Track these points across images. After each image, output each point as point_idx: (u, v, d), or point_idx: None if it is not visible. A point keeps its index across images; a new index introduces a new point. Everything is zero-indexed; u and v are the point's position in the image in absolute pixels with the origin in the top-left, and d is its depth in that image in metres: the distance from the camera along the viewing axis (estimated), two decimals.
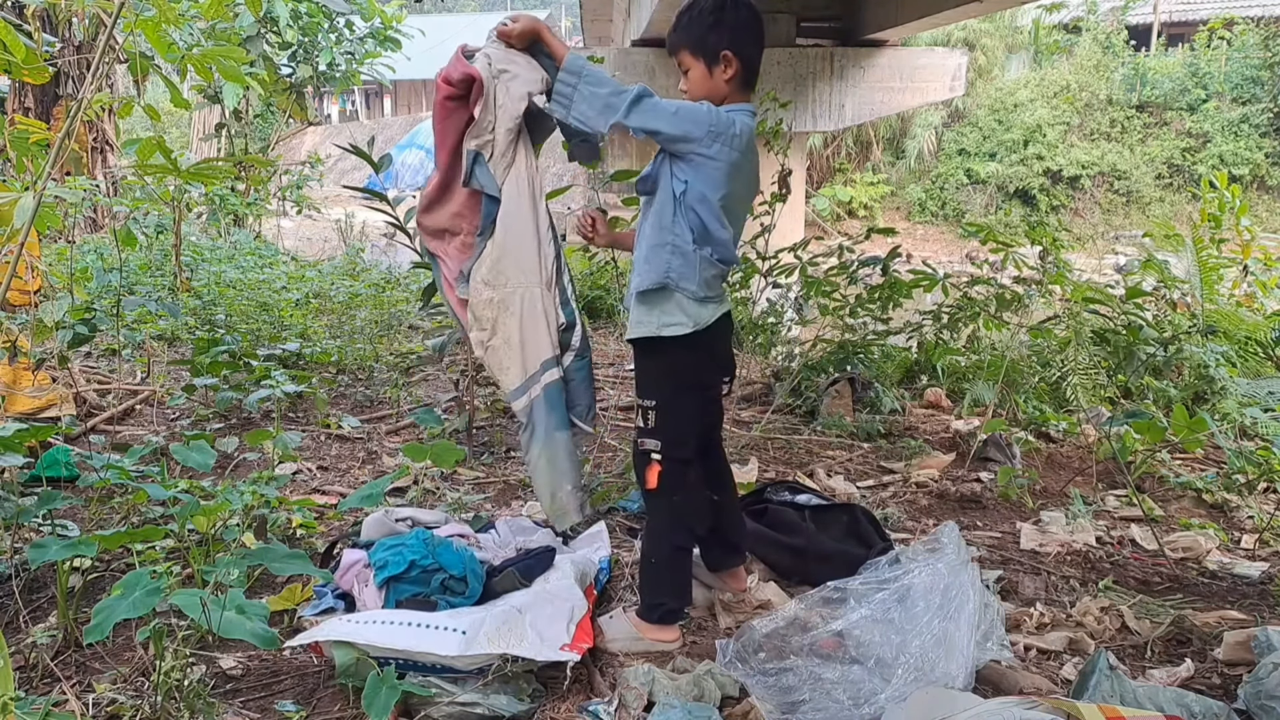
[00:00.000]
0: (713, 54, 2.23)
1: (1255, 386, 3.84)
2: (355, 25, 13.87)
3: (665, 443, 2.32)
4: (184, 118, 23.47)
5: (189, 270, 6.89)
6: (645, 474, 2.35)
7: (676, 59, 2.30)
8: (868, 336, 5.01)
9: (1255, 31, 20.04)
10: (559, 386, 2.49)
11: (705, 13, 2.24)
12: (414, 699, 2.04)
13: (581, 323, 2.57)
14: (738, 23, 2.25)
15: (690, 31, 2.24)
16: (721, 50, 2.22)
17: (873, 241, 5.24)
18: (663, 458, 2.31)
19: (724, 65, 2.24)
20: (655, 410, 2.32)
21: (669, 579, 2.42)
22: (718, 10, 2.23)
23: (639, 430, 2.36)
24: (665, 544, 2.42)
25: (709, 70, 2.24)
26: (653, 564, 2.44)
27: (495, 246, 2.41)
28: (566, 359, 2.52)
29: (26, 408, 3.70)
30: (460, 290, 2.51)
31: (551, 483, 2.51)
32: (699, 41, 2.23)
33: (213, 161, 4.43)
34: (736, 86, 2.28)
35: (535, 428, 2.47)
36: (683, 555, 2.45)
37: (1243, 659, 2.26)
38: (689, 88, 2.29)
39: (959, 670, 2.04)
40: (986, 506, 3.48)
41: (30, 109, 9.25)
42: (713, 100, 2.26)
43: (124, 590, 2.00)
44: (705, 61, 2.24)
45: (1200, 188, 6.26)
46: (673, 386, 2.34)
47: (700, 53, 2.24)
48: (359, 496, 2.67)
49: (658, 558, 2.43)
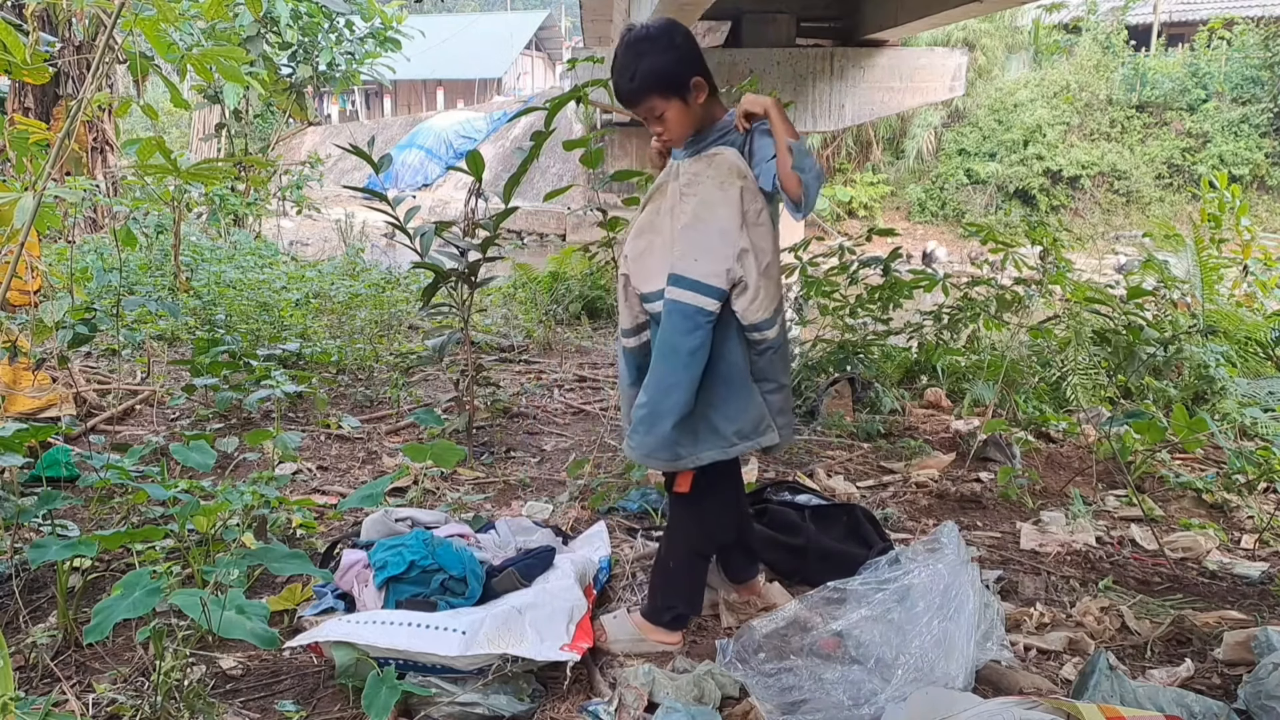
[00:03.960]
0: (684, 87, 2.14)
1: (1255, 386, 3.84)
2: (355, 25, 13.88)
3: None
4: (184, 118, 23.48)
5: (189, 270, 6.89)
6: (678, 477, 2.29)
7: (642, 108, 2.16)
8: (868, 336, 5.01)
9: (1255, 31, 20.04)
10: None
11: (659, 50, 2.12)
12: (414, 699, 2.04)
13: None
14: (689, 47, 2.17)
15: (652, 74, 2.12)
16: (690, 78, 2.14)
17: (873, 242, 5.25)
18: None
19: (696, 91, 2.15)
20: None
21: (684, 584, 2.41)
22: (669, 42, 2.14)
23: None
24: (687, 549, 2.39)
25: (685, 104, 2.15)
26: (671, 568, 2.40)
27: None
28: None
29: (26, 408, 3.70)
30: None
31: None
32: (665, 80, 2.13)
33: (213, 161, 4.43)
34: (709, 105, 2.20)
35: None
36: (702, 563, 2.44)
37: (1243, 659, 2.26)
38: (671, 129, 2.18)
39: (959, 670, 2.04)
40: (986, 506, 3.48)
41: (30, 109, 9.24)
42: (701, 124, 2.20)
43: (124, 590, 2.00)
44: (680, 97, 2.14)
45: (1200, 188, 6.26)
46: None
47: (672, 91, 2.13)
48: (359, 496, 2.67)
49: (676, 562, 2.40)
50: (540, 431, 4.39)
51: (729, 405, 2.19)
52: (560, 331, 6.74)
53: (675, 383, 2.14)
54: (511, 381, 5.29)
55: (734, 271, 2.12)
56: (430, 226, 3.98)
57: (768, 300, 2.17)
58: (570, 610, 2.31)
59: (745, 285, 2.14)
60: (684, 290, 2.13)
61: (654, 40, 2.13)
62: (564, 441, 4.24)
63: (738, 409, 2.20)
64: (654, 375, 2.18)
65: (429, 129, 29.16)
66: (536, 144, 3.73)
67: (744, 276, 2.13)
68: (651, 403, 2.16)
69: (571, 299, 7.42)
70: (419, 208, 4.41)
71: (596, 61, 5.09)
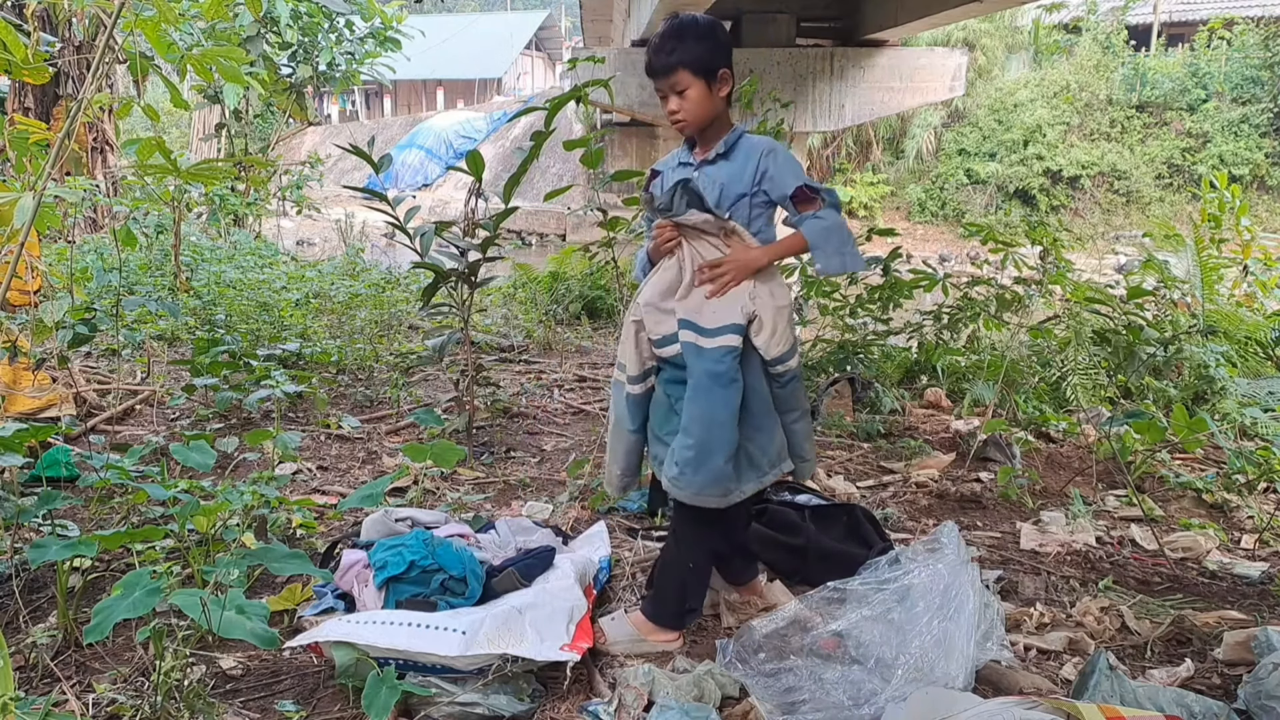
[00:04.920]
0: (713, 73, 2.25)
1: (1255, 386, 3.84)
2: (355, 25, 13.88)
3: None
4: (184, 118, 23.49)
5: (189, 270, 6.89)
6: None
7: (669, 80, 2.27)
8: (868, 336, 5.01)
9: (1255, 31, 20.05)
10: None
11: (702, 33, 2.26)
12: (414, 699, 2.04)
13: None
14: (728, 42, 2.32)
15: (690, 51, 2.24)
16: (720, 69, 2.26)
17: (873, 242, 5.25)
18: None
19: (721, 83, 2.28)
20: None
21: (697, 584, 2.42)
22: (711, 31, 2.28)
23: None
24: (703, 550, 2.40)
25: (709, 89, 2.26)
26: (689, 569, 2.40)
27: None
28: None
29: (26, 408, 3.70)
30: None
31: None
32: (700, 61, 2.24)
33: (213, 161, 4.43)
34: (725, 106, 2.32)
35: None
36: (711, 562, 2.47)
37: (1243, 659, 2.26)
38: (688, 108, 2.28)
39: (959, 670, 2.04)
40: (986, 506, 3.48)
41: (30, 109, 9.24)
42: (715, 118, 2.30)
43: (124, 590, 2.00)
44: (706, 80, 2.25)
45: (1200, 188, 6.26)
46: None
47: (701, 72, 2.24)
48: (359, 496, 2.67)
49: (695, 561, 2.40)
50: (540, 431, 4.39)
51: (761, 436, 2.28)
52: (560, 331, 6.74)
53: (718, 419, 2.19)
54: (511, 381, 5.29)
55: (747, 307, 2.22)
56: (430, 226, 3.98)
57: (786, 332, 2.26)
58: (570, 610, 2.31)
59: (761, 322, 2.23)
60: (702, 335, 2.22)
61: (700, 27, 2.27)
62: (564, 441, 4.24)
63: (767, 439, 2.29)
64: (694, 415, 2.21)
65: (429, 129, 29.18)
66: (536, 144, 3.73)
67: (758, 312, 2.22)
68: (699, 443, 2.20)
69: (571, 299, 7.43)
70: (419, 208, 4.41)
71: (597, 61, 5.09)
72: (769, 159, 2.26)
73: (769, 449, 2.29)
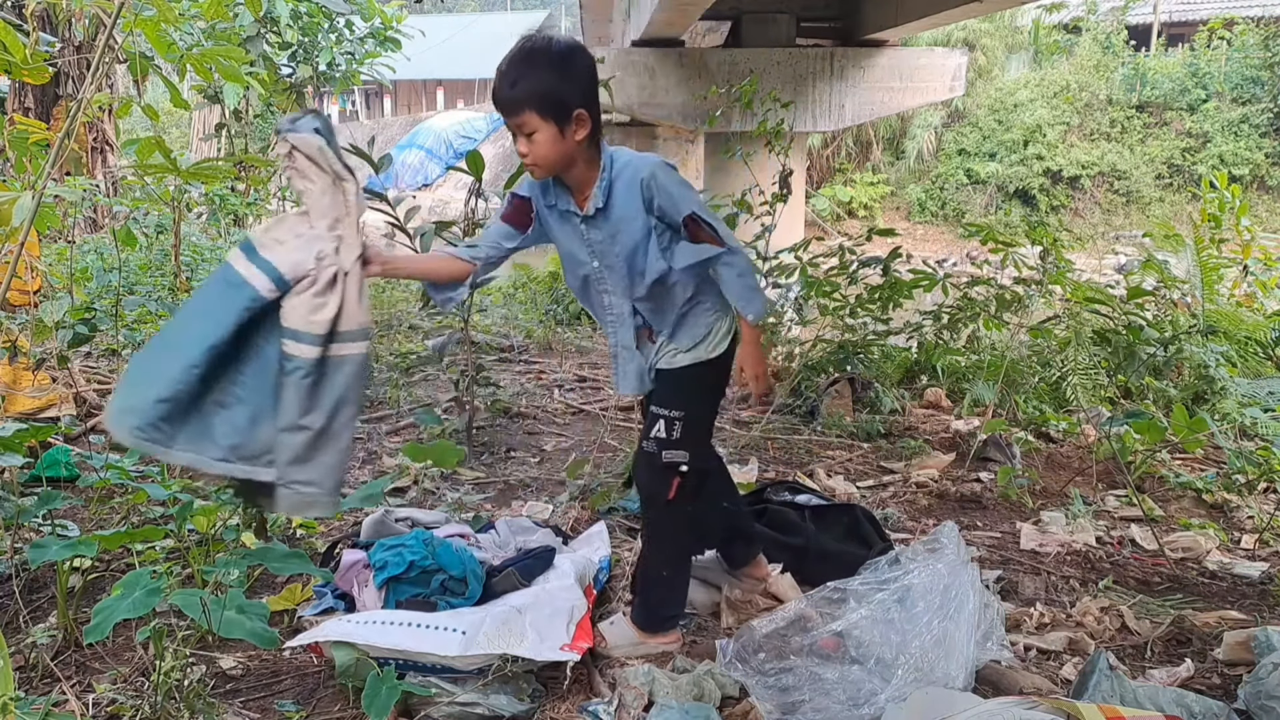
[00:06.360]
0: (565, 113, 1.94)
1: (1255, 386, 3.83)
2: (355, 25, 13.86)
3: (693, 454, 2.23)
4: (184, 118, 23.45)
5: (189, 270, 6.88)
6: (668, 485, 2.24)
7: (514, 119, 1.96)
8: (868, 336, 5.01)
9: (1255, 31, 20.03)
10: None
11: (551, 63, 1.93)
12: (414, 699, 2.04)
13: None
14: (587, 76, 1.99)
15: (539, 84, 1.92)
16: (575, 109, 1.95)
17: (873, 242, 5.25)
18: (688, 469, 2.23)
19: (576, 125, 1.96)
20: (683, 421, 2.22)
21: (679, 588, 2.41)
22: (566, 60, 1.95)
23: (661, 442, 2.21)
24: (680, 554, 2.40)
25: (560, 132, 1.95)
26: (665, 576, 2.38)
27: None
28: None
29: (26, 408, 3.70)
30: None
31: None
32: (547, 99, 1.92)
33: (213, 161, 4.43)
34: (587, 146, 2.01)
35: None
36: (689, 563, 2.46)
37: (1243, 659, 2.26)
38: (536, 152, 1.97)
39: (959, 670, 2.04)
40: (986, 506, 3.48)
41: (30, 109, 9.23)
42: (565, 165, 2.02)
43: (124, 590, 2.00)
44: (556, 122, 1.94)
45: (1200, 188, 6.26)
46: (705, 396, 2.33)
47: (550, 112, 1.93)
48: (359, 496, 2.67)
49: (670, 569, 2.38)
50: (540, 431, 4.39)
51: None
52: (560, 331, 6.74)
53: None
54: (511, 381, 5.28)
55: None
56: (430, 226, 3.98)
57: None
58: (570, 610, 2.31)
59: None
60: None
61: (551, 55, 1.95)
62: (564, 441, 4.24)
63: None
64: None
65: (429, 129, 29.16)
66: None
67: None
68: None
69: (571, 299, 7.42)
70: (419, 208, 4.41)
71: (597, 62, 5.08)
72: (651, 186, 2.02)
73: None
